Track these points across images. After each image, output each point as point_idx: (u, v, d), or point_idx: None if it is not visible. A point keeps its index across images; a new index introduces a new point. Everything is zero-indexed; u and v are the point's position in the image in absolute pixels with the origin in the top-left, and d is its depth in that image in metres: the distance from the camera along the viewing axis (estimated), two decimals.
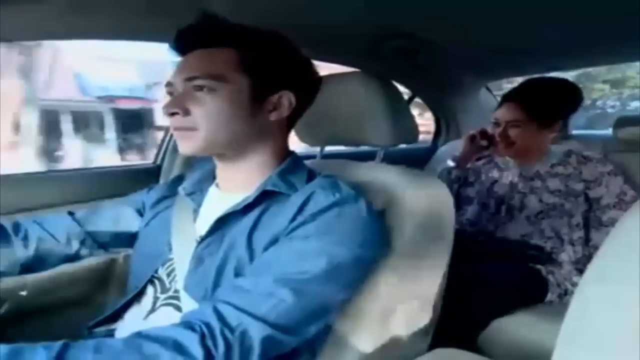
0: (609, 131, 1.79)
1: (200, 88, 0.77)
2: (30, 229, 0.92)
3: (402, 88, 2.17)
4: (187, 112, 0.77)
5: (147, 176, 1.50)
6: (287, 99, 0.83)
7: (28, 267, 0.91)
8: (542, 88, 1.60)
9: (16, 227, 0.91)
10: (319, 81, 0.90)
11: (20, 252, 0.89)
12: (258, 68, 0.79)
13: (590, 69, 8.92)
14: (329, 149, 1.23)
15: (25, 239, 0.90)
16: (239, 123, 0.79)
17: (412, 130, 1.04)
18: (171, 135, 1.51)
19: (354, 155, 1.26)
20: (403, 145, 1.13)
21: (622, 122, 1.74)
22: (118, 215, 0.99)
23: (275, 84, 0.82)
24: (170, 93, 0.82)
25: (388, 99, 0.99)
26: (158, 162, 1.53)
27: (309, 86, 0.89)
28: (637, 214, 0.50)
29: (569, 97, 1.61)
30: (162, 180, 1.49)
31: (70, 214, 0.98)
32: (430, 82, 2.18)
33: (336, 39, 1.49)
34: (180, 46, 0.82)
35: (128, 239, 0.99)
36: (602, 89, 8.69)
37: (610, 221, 1.48)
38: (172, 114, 0.78)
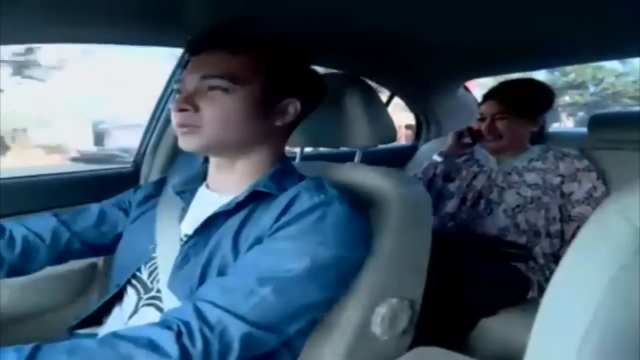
0: (584, 129, 1.83)
1: (213, 87, 0.77)
2: (14, 230, 0.90)
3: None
4: (197, 109, 0.78)
5: (126, 179, 1.48)
6: (293, 107, 0.85)
7: (15, 268, 0.90)
8: (517, 86, 1.70)
9: (0, 229, 0.89)
10: (324, 90, 0.93)
11: (6, 253, 0.88)
12: (272, 74, 0.82)
13: (620, 88, 10.36)
14: (307, 149, 1.23)
15: (11, 239, 0.89)
16: (246, 125, 0.81)
17: (390, 131, 1.05)
18: (150, 138, 1.49)
19: (332, 156, 1.26)
20: (383, 145, 1.14)
21: (597, 120, 1.77)
22: (103, 216, 0.99)
23: (285, 91, 0.84)
24: (179, 91, 0.82)
25: (365, 100, 0.99)
26: (137, 165, 1.51)
27: (315, 95, 0.91)
28: (607, 211, 0.52)
29: (543, 94, 1.70)
30: (141, 184, 1.47)
31: (55, 215, 0.97)
32: (409, 82, 2.19)
33: (313, 39, 1.48)
34: (198, 45, 0.82)
35: (113, 240, 0.98)
36: (628, 103, 10.42)
37: (578, 216, 1.53)
38: (182, 110, 0.78)
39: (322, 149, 1.78)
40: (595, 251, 0.49)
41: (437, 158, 1.77)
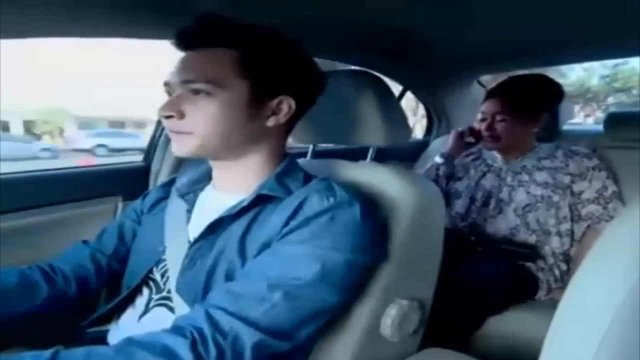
0: (600, 127, 1.80)
1: (196, 92, 0.74)
2: (62, 266, 0.94)
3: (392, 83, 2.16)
4: (182, 116, 0.76)
5: (137, 175, 1.48)
6: (286, 104, 0.81)
7: (76, 301, 0.94)
8: (523, 83, 1.63)
9: (51, 268, 0.93)
10: (322, 82, 0.88)
11: (67, 289, 0.92)
12: (259, 72, 0.77)
13: None
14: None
15: (65, 276, 0.93)
16: (235, 128, 0.77)
17: (404, 130, 1.04)
18: (161, 134, 1.49)
19: (345, 151, 1.25)
20: None
21: (613, 118, 1.74)
22: (122, 231, 1.00)
23: (275, 89, 0.79)
24: (168, 93, 0.80)
25: (380, 98, 0.98)
26: (148, 161, 1.51)
27: (311, 89, 0.86)
28: (627, 218, 0.51)
29: (549, 91, 1.64)
30: (151, 180, 1.48)
31: (85, 242, 0.99)
32: (422, 77, 2.17)
33: (328, 35, 1.47)
34: (182, 44, 0.79)
35: None
36: None
37: (588, 215, 1.50)
38: (168, 117, 0.76)
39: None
40: (614, 259, 0.49)
41: (438, 160, 1.76)
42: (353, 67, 1.12)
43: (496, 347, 1.36)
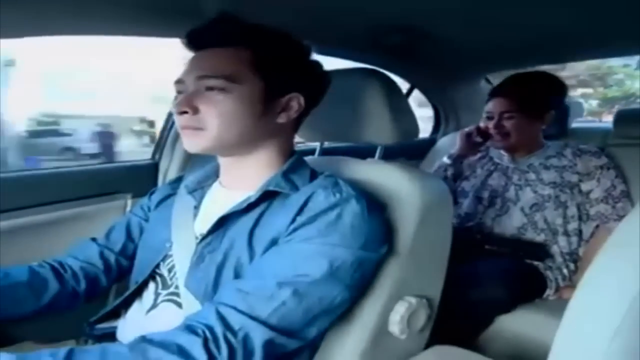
0: (609, 124, 1.79)
1: (212, 88, 0.76)
2: (71, 263, 0.95)
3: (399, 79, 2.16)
4: (196, 111, 0.77)
5: (145, 173, 1.49)
6: (296, 102, 0.83)
7: (85, 297, 0.95)
8: (526, 81, 1.63)
9: (60, 265, 0.94)
10: (327, 82, 0.90)
11: (76, 286, 0.93)
12: (271, 70, 0.79)
13: None
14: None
15: (74, 273, 0.94)
16: (248, 124, 0.79)
17: (411, 127, 1.04)
18: (169, 132, 1.50)
19: (353, 149, 1.25)
20: None
21: (623, 115, 1.73)
22: (130, 228, 1.01)
23: (286, 86, 0.82)
24: (179, 91, 0.81)
25: (389, 96, 0.98)
26: (156, 158, 1.52)
27: (318, 88, 0.89)
28: (638, 217, 0.51)
29: (553, 88, 1.63)
30: (160, 177, 1.48)
31: (93, 240, 1.00)
32: (429, 75, 2.17)
33: (336, 32, 1.47)
34: (195, 43, 0.81)
35: None
36: None
37: (597, 215, 1.50)
38: (182, 113, 0.77)
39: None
40: (624, 258, 0.48)
41: (446, 160, 1.75)
42: (361, 65, 1.12)
43: (504, 346, 1.36)
